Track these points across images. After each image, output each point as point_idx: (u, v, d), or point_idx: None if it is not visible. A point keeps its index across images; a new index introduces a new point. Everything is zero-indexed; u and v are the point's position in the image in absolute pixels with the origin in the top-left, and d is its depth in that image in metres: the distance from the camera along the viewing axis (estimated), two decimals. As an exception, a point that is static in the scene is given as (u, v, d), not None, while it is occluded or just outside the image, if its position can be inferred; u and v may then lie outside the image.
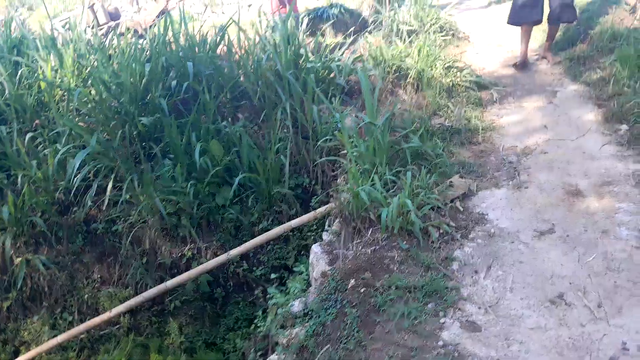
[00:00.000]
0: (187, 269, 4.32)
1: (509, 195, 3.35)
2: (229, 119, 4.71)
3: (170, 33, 4.97)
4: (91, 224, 4.52)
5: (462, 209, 3.26)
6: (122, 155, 4.31)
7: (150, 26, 6.12)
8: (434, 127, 4.09)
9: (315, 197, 4.14)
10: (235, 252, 3.94)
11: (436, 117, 4.33)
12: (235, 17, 5.40)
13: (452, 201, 3.31)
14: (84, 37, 4.73)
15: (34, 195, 4.30)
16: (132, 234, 4.35)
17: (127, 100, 4.36)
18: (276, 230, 3.88)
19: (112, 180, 4.28)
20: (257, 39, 4.91)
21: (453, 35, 6.46)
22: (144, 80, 4.43)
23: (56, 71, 4.63)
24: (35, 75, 4.64)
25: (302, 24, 6.13)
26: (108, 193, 4.26)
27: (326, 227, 3.56)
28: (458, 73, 4.88)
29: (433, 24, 6.36)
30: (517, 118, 4.36)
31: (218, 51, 5.24)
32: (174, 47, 4.84)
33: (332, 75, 4.71)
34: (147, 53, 4.72)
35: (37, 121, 4.68)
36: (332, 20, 10.42)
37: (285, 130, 4.44)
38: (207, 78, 4.75)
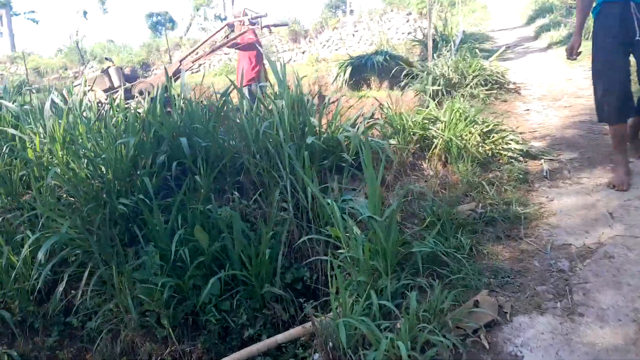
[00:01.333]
0: (167, 377, 3.68)
1: (555, 326, 2.43)
2: (225, 197, 4.11)
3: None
4: (69, 316, 4.01)
5: (487, 346, 2.38)
6: (101, 241, 3.78)
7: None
8: (461, 216, 3.24)
9: (310, 301, 3.38)
10: (212, 367, 3.25)
11: (466, 201, 3.48)
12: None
13: (475, 332, 2.45)
14: (76, 107, 4.36)
15: (6, 284, 3.85)
16: (106, 330, 3.77)
17: (110, 178, 3.87)
18: (257, 347, 3.14)
19: (87, 270, 3.75)
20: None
21: (500, 87, 5.62)
22: (129, 155, 3.94)
23: (45, 145, 4.26)
24: (24, 148, 4.29)
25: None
26: (82, 284, 3.73)
27: (313, 356, 2.78)
28: (500, 140, 4.03)
29: (476, 76, 5.55)
30: (574, 201, 3.42)
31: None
32: (174, 116, 4.36)
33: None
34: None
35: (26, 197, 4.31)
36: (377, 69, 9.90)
37: (284, 213, 3.76)
38: (205, 150, 4.20)
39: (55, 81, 19.05)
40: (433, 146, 3.88)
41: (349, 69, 10.07)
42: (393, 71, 8.59)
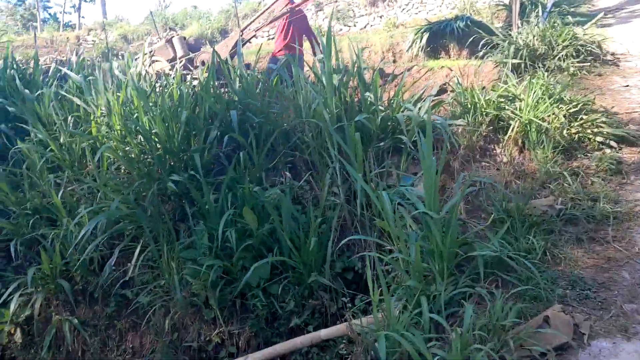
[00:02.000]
0: (215, 357, 3.65)
1: (644, 359, 2.01)
2: (278, 176, 3.91)
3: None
4: (125, 288, 4.06)
5: (556, 376, 2.02)
6: (153, 218, 3.75)
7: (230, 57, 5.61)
8: (535, 213, 2.80)
9: (359, 295, 3.13)
10: (256, 356, 3.12)
11: (543, 194, 3.02)
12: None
13: (542, 355, 2.09)
14: (134, 79, 4.29)
15: (63, 255, 3.95)
16: (158, 306, 3.77)
17: (162, 153, 3.79)
18: (301, 340, 2.96)
19: (139, 245, 3.74)
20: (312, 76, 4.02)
21: (595, 59, 4.89)
22: (181, 131, 3.83)
23: (103, 117, 4.26)
24: (87, 120, 4.33)
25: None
26: (134, 259, 3.73)
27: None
28: (589, 122, 3.46)
29: (566, 46, 4.87)
30: (678, 200, 2.86)
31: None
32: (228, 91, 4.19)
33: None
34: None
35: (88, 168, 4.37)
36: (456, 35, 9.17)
37: (335, 197, 3.50)
38: (258, 126, 4.00)
39: (139, 48, 19.79)
40: (509, 128, 3.40)
41: (426, 35, 9.40)
42: (472, 38, 7.89)
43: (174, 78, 4.33)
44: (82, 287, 4.14)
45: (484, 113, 3.43)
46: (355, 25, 17.22)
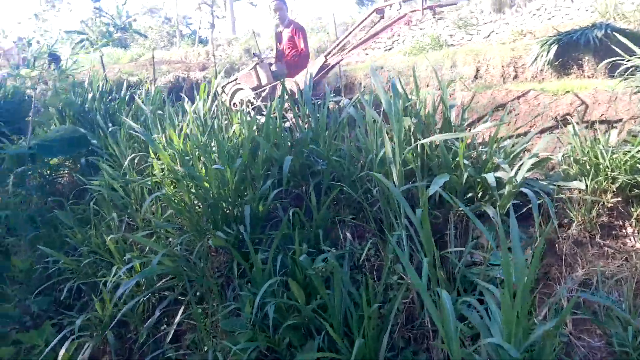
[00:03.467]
0: None
1: None
2: (340, 235, 3.30)
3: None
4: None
5: None
6: (199, 275, 3.37)
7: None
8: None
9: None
10: None
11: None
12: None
13: None
14: (200, 115, 3.99)
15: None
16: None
17: (213, 203, 3.41)
18: None
19: (182, 306, 3.38)
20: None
21: None
22: (235, 179, 3.40)
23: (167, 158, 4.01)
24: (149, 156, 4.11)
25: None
26: (175, 322, 3.38)
27: None
28: None
29: None
30: None
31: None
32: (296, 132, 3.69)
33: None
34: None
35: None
36: (592, 48, 7.73)
37: (397, 277, 2.79)
38: (322, 174, 3.44)
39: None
40: (648, 200, 2.42)
41: (554, 48, 8.10)
42: (610, 58, 6.52)
43: (238, 114, 3.93)
44: (134, 337, 3.92)
45: (610, 177, 2.48)
46: (478, 34, 15.92)
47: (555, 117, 4.73)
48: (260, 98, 5.32)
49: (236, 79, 5.60)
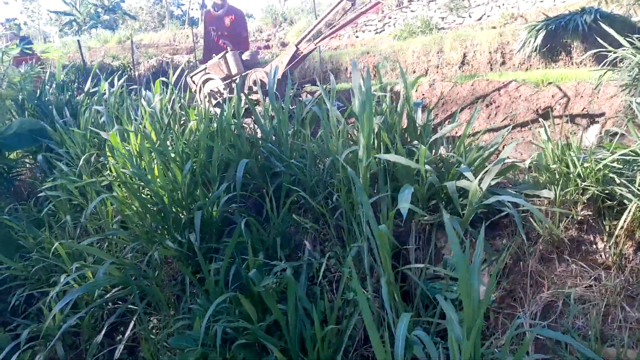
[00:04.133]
0: None
1: None
2: (298, 245, 3.09)
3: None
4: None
5: None
6: (146, 287, 3.16)
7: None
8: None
9: None
10: None
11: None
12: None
13: None
14: (156, 112, 3.74)
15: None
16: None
17: (164, 209, 3.18)
18: None
19: (134, 320, 3.18)
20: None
21: None
22: (186, 182, 3.18)
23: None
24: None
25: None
26: (126, 338, 3.17)
27: None
28: None
29: None
30: None
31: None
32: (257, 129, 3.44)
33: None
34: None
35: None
36: (581, 32, 7.47)
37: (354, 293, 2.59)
38: (282, 177, 3.22)
39: (250, 44, 19.96)
40: (622, 212, 2.21)
41: (542, 34, 7.84)
42: (597, 42, 6.26)
43: (195, 109, 3.67)
44: (88, 348, 3.72)
45: (580, 187, 2.26)
46: (470, 17, 15.58)
47: (537, 110, 4.50)
48: (228, 90, 5.06)
49: (205, 68, 5.32)
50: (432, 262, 2.61)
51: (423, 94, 5.40)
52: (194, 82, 5.47)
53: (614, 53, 3.96)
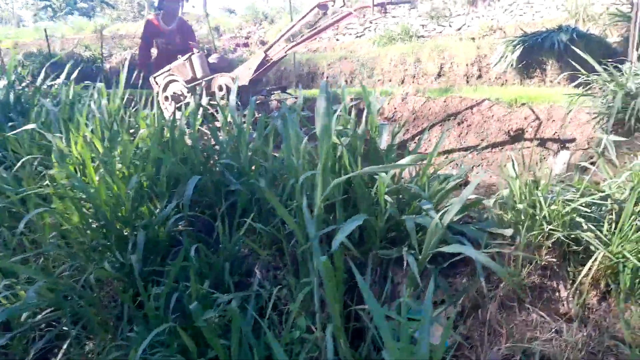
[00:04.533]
0: None
1: None
2: (254, 272, 2.89)
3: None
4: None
5: None
6: (85, 306, 2.91)
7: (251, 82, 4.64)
8: None
9: None
10: None
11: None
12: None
13: None
14: (104, 115, 3.48)
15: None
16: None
17: (105, 225, 2.94)
18: None
19: (65, 345, 2.92)
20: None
21: None
22: (131, 197, 2.94)
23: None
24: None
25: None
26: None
27: None
28: None
29: None
30: None
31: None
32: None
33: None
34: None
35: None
36: (557, 51, 7.44)
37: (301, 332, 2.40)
38: (237, 195, 3.01)
39: (229, 41, 19.65)
40: (588, 259, 2.07)
41: (519, 49, 7.81)
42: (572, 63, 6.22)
43: (147, 118, 3.43)
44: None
45: (545, 230, 2.12)
46: (450, 26, 15.58)
47: (509, 132, 4.40)
48: (190, 93, 4.81)
49: (169, 69, 5.06)
50: (389, 299, 2.45)
51: (395, 108, 5.25)
52: (157, 84, 5.21)
53: (587, 78, 3.88)
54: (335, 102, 3.25)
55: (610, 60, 4.59)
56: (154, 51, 5.72)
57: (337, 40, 16.34)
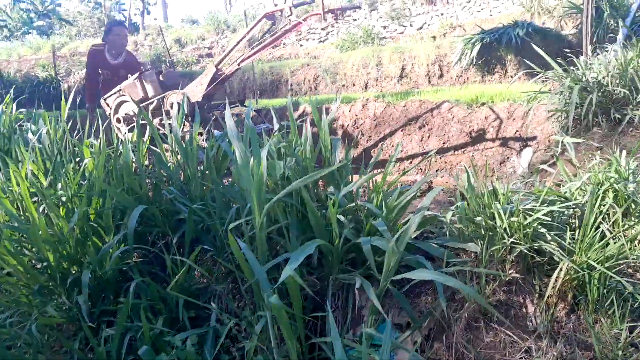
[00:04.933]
0: None
1: None
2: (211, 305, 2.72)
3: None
4: None
5: None
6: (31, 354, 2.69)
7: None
8: None
9: None
10: None
11: None
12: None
13: None
14: (45, 146, 3.27)
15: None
16: None
17: (49, 266, 2.73)
18: None
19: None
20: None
21: None
22: (74, 235, 2.74)
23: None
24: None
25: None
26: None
27: None
28: None
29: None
30: None
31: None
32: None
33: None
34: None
35: None
36: (514, 46, 7.48)
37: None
38: (187, 225, 2.83)
39: (192, 52, 19.35)
40: (553, 269, 1.98)
41: (477, 46, 7.84)
42: (530, 56, 6.24)
43: (92, 147, 3.23)
44: None
45: (508, 245, 2.03)
46: (411, 25, 15.65)
47: (470, 133, 4.34)
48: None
49: (120, 89, 4.85)
50: (351, 325, 2.32)
51: (356, 115, 5.15)
52: (108, 105, 4.98)
53: (543, 74, 3.84)
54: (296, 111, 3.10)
55: (567, 50, 4.57)
56: (101, 79, 5.53)
57: (301, 45, 16.25)
